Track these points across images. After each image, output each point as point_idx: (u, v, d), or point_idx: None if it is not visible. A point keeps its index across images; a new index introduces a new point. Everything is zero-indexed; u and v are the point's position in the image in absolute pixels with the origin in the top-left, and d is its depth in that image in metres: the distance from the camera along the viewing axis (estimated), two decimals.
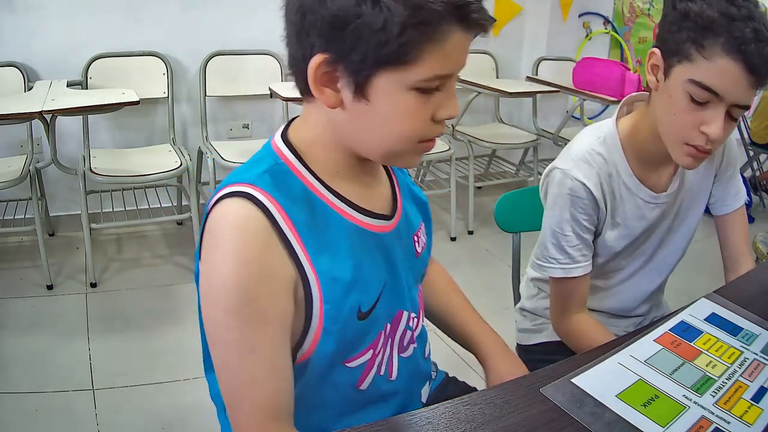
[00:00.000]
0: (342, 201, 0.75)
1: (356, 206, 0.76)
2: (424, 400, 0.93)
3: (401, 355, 0.86)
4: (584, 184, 1.04)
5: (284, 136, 0.76)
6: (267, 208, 0.68)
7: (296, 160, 0.74)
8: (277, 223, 0.69)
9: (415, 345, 0.88)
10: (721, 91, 0.89)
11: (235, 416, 0.71)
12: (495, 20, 0.69)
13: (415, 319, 0.88)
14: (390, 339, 0.83)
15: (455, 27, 0.64)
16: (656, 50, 0.97)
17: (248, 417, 0.70)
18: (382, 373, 0.83)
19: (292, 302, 0.71)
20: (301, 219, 0.71)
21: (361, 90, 0.67)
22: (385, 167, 0.86)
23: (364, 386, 0.81)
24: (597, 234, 1.12)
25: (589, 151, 1.06)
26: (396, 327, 0.84)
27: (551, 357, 1.11)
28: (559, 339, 1.18)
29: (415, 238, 0.87)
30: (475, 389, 1.01)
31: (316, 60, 0.66)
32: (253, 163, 0.75)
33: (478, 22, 0.65)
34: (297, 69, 0.70)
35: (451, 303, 1.04)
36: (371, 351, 0.80)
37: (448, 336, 1.04)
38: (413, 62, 0.65)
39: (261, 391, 0.70)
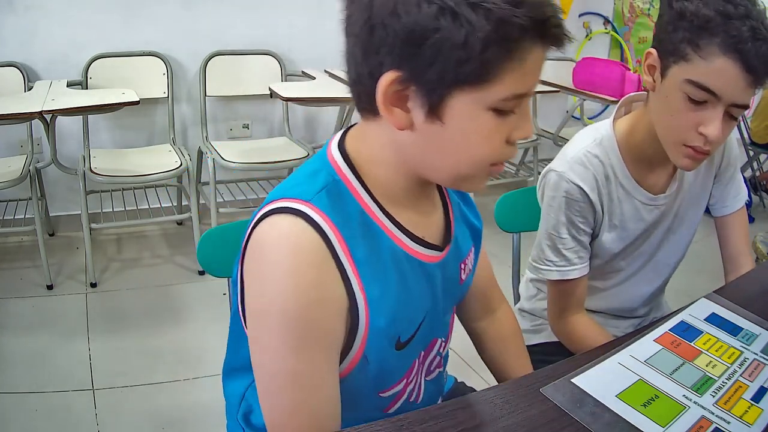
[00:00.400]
0: (397, 227, 0.72)
1: (411, 234, 0.73)
2: None
3: (427, 378, 0.85)
4: (580, 187, 1.04)
5: (341, 147, 0.71)
6: (323, 229, 0.65)
7: (354, 178, 0.69)
8: (333, 245, 0.65)
9: (441, 369, 0.88)
10: (718, 91, 0.88)
11: None
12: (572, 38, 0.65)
13: (444, 344, 0.87)
14: (422, 366, 0.82)
15: (537, 43, 0.61)
16: (653, 50, 0.96)
17: None
18: (411, 399, 0.82)
19: (344, 326, 0.68)
20: (356, 243, 0.67)
21: (435, 111, 0.62)
22: (440, 193, 0.81)
23: (391, 411, 0.80)
24: (594, 236, 1.11)
25: (585, 153, 1.05)
26: (428, 354, 0.83)
27: (551, 358, 1.11)
28: (558, 340, 1.18)
29: (462, 266, 0.83)
30: (474, 389, 1.01)
31: (388, 78, 0.61)
32: (308, 176, 0.70)
33: (558, 38, 0.62)
34: (361, 87, 0.66)
35: (507, 351, 1.00)
36: (405, 380, 0.79)
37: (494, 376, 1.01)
38: (493, 80, 0.60)
39: (314, 418, 0.68)
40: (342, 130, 0.74)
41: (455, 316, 0.93)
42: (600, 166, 1.05)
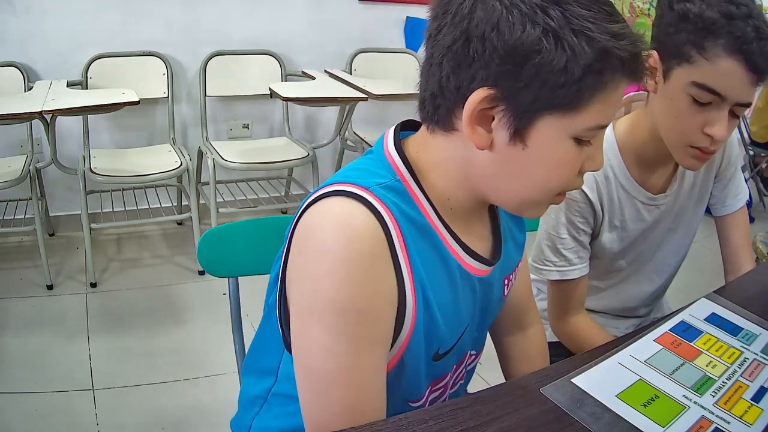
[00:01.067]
0: (453, 237, 0.70)
1: (465, 246, 0.71)
2: None
3: (450, 391, 0.84)
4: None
5: (399, 150, 0.69)
6: (383, 217, 0.62)
7: (414, 183, 0.68)
8: (391, 236, 0.62)
9: (463, 381, 0.87)
10: (724, 92, 0.88)
11: None
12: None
13: (474, 357, 0.85)
14: (452, 379, 0.81)
15: (626, 76, 0.61)
16: (653, 53, 0.96)
17: None
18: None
19: (394, 319, 0.65)
20: (412, 242, 0.65)
21: (520, 133, 0.61)
22: (491, 213, 0.80)
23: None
24: (594, 236, 1.11)
25: None
26: (460, 366, 0.82)
27: (551, 358, 1.11)
28: (556, 341, 1.18)
29: (506, 281, 0.83)
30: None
31: (479, 94, 0.60)
32: (366, 171, 0.67)
33: (642, 74, 0.62)
34: (443, 100, 0.64)
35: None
36: (430, 388, 0.78)
37: None
38: (583, 109, 0.60)
39: (363, 417, 0.65)
40: (393, 132, 0.72)
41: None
42: None
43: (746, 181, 3.51)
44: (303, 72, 2.94)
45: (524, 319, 0.99)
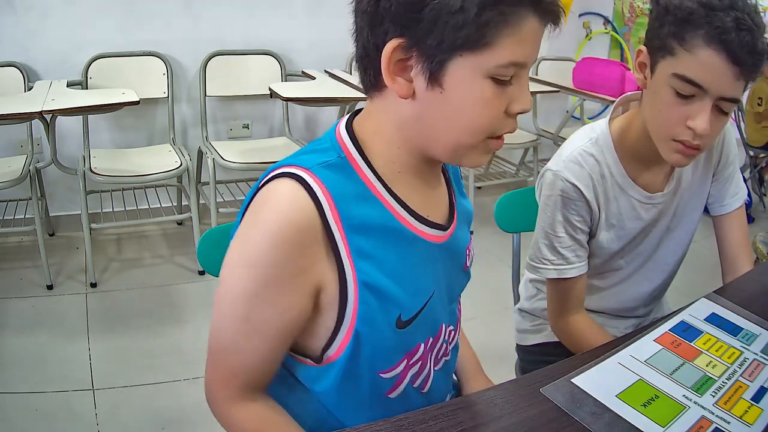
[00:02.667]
0: (400, 205, 0.73)
1: (414, 213, 0.74)
2: None
3: (435, 368, 0.84)
4: (575, 186, 1.04)
5: (348, 127, 0.74)
6: (317, 197, 0.67)
7: (358, 155, 0.72)
8: (324, 213, 0.67)
9: (448, 358, 0.87)
10: (704, 83, 0.88)
11: (209, 372, 0.76)
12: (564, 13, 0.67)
13: (452, 332, 0.86)
14: (430, 353, 0.81)
15: (530, 13, 0.64)
16: (643, 48, 0.96)
17: (220, 379, 0.75)
18: (416, 384, 0.81)
19: (310, 304, 0.70)
20: (353, 217, 0.69)
21: (435, 77, 0.65)
22: (445, 177, 0.83)
23: (393, 395, 0.79)
24: (592, 235, 1.11)
25: (581, 152, 1.06)
26: (437, 341, 0.82)
27: (550, 358, 1.11)
28: (556, 340, 1.18)
29: (467, 252, 0.85)
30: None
31: (391, 45, 0.64)
32: (315, 150, 0.72)
33: (551, 9, 0.65)
34: (368, 60, 0.68)
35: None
36: (405, 361, 0.78)
37: None
38: (490, 46, 0.63)
39: (240, 361, 0.73)
40: (348, 115, 0.76)
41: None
42: (595, 164, 1.06)
43: (746, 181, 3.52)
44: (303, 72, 2.94)
45: None
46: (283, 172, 0.68)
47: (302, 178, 0.67)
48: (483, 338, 2.25)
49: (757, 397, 0.80)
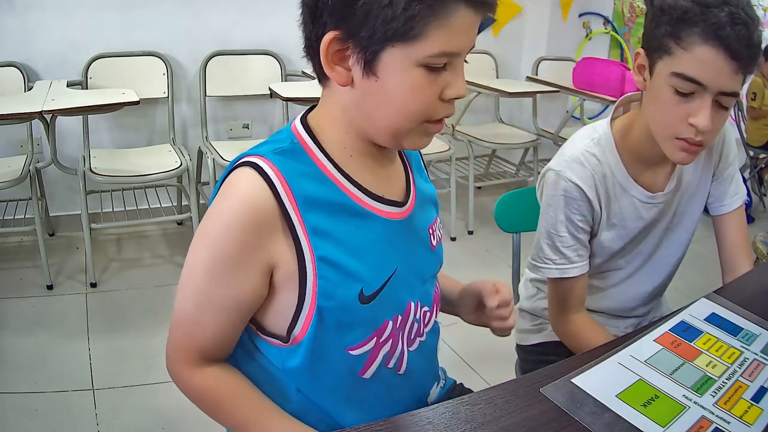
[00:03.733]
0: (353, 184, 0.76)
1: (367, 191, 0.77)
2: (431, 401, 0.93)
3: (409, 349, 0.85)
4: (578, 185, 1.05)
5: (303, 120, 0.78)
6: (271, 180, 0.71)
7: (311, 140, 0.76)
8: (279, 194, 0.71)
9: (423, 339, 0.87)
10: (703, 80, 0.89)
11: (170, 339, 0.81)
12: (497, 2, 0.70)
13: (428, 313, 0.88)
14: (401, 331, 0.82)
15: (461, 5, 0.67)
16: (641, 50, 0.98)
17: (179, 347, 0.80)
18: (390, 365, 0.82)
19: (265, 285, 0.74)
20: (307, 196, 0.73)
21: (370, 66, 0.69)
22: (401, 157, 0.87)
23: (367, 375, 0.80)
24: (593, 234, 1.12)
25: (583, 152, 1.06)
26: (406, 319, 0.83)
27: (550, 357, 1.11)
28: (558, 339, 1.18)
29: (431, 230, 0.88)
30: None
31: (328, 37, 0.68)
32: (271, 141, 0.77)
33: (482, 0, 0.68)
34: (312, 51, 0.72)
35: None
36: (375, 339, 0.79)
37: None
38: (419, 38, 0.66)
39: (201, 332, 0.77)
40: (307, 108, 0.81)
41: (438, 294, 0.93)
42: (597, 164, 1.06)
43: (745, 181, 3.52)
44: (303, 72, 2.94)
45: None
46: (242, 162, 0.73)
47: (257, 164, 0.71)
48: (483, 338, 2.25)
49: (757, 397, 0.80)
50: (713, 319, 0.98)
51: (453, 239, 3.05)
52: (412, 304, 0.84)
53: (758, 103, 3.48)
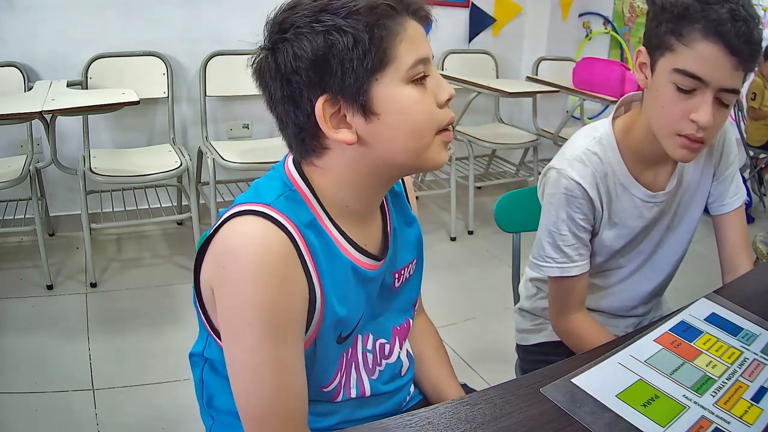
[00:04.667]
0: (344, 237, 0.79)
1: (355, 244, 0.81)
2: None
3: (371, 377, 0.89)
4: (579, 184, 1.05)
5: (296, 164, 0.79)
6: (285, 227, 0.71)
7: (308, 190, 0.77)
8: (296, 241, 0.72)
9: (382, 368, 0.91)
10: (704, 76, 0.90)
11: (257, 429, 0.74)
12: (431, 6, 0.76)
13: (386, 345, 0.91)
14: (353, 362, 0.87)
15: (407, 17, 0.72)
16: (642, 48, 0.98)
17: (274, 429, 0.73)
18: (352, 395, 0.87)
19: (305, 315, 0.75)
20: (312, 243, 0.75)
21: (368, 108, 0.71)
22: (383, 213, 0.88)
23: (338, 400, 0.86)
24: (594, 233, 1.12)
25: (585, 151, 1.07)
26: (356, 351, 0.87)
27: (550, 357, 1.11)
28: (558, 339, 1.18)
29: (396, 275, 0.90)
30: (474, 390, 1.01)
31: (319, 104, 0.70)
32: (265, 186, 0.78)
33: (420, 9, 0.73)
34: (305, 133, 0.74)
35: (426, 344, 1.04)
36: (339, 374, 0.84)
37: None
38: (393, 58, 0.70)
39: (290, 402, 0.74)
40: (293, 154, 0.82)
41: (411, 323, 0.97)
42: (599, 163, 1.06)
43: (746, 181, 3.52)
44: None
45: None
46: (243, 211, 0.72)
47: (265, 213, 0.71)
48: (483, 338, 2.26)
49: (757, 397, 0.80)
50: (713, 319, 0.98)
51: (453, 239, 3.05)
52: (360, 336, 0.87)
53: (758, 103, 3.48)
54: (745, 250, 1.19)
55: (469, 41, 3.60)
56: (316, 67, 0.69)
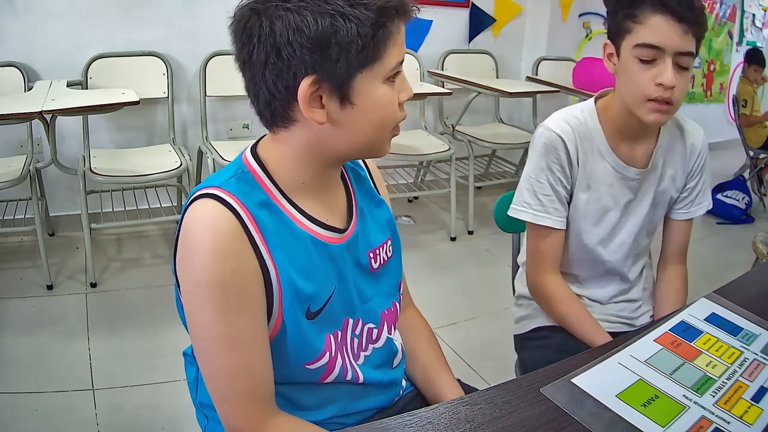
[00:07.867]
0: (299, 212, 0.81)
1: (312, 218, 0.82)
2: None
3: (357, 362, 0.89)
4: (560, 137, 1.16)
5: (254, 151, 0.82)
6: (233, 207, 0.74)
7: (261, 171, 0.80)
8: (243, 220, 0.74)
9: (368, 353, 0.91)
10: (660, 43, 1.03)
11: (225, 408, 0.77)
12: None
13: (374, 330, 0.91)
14: (343, 345, 0.87)
15: (401, 20, 0.76)
16: (607, 41, 1.14)
17: (238, 407, 0.76)
18: (348, 377, 0.87)
19: (262, 291, 0.76)
20: (262, 220, 0.77)
21: (346, 97, 0.74)
22: (346, 188, 0.91)
23: (328, 380, 0.85)
24: (571, 195, 1.19)
25: (568, 113, 1.20)
26: (345, 335, 0.88)
27: (547, 341, 1.19)
28: (553, 324, 1.22)
29: (371, 255, 0.91)
30: (475, 389, 1.01)
31: (306, 83, 0.72)
32: (223, 171, 0.81)
33: (411, 11, 0.76)
34: (277, 103, 0.76)
35: (418, 339, 1.05)
36: (327, 354, 0.84)
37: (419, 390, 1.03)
38: (381, 58, 0.74)
39: (250, 379, 0.76)
40: (255, 140, 0.85)
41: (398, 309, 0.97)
42: (579, 125, 1.18)
43: (746, 182, 3.51)
44: None
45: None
46: (198, 195, 0.76)
47: (215, 194, 0.75)
48: (483, 338, 2.26)
49: (757, 397, 0.80)
50: (713, 319, 0.98)
51: (453, 239, 3.05)
52: (350, 320, 0.88)
53: (749, 110, 3.49)
54: (685, 252, 1.28)
55: (469, 41, 3.60)
56: (314, 46, 0.70)
